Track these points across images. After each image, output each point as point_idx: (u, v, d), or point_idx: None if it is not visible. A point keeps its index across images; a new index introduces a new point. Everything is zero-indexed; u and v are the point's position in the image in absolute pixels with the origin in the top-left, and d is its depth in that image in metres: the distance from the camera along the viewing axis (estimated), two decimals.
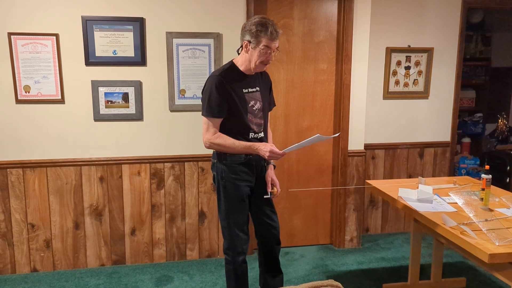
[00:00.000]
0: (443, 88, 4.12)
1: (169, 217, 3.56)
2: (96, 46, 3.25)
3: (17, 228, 3.34)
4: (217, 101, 2.42)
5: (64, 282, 3.27)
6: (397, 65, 3.99)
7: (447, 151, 4.22)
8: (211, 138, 2.46)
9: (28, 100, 3.23)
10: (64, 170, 3.35)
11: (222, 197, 2.56)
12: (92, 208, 3.43)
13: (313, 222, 3.91)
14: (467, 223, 2.26)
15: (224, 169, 2.51)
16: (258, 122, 2.56)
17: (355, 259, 3.66)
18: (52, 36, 3.18)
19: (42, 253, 3.41)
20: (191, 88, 3.42)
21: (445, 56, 4.06)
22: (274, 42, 2.41)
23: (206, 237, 3.64)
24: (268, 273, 2.76)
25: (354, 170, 3.79)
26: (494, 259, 1.98)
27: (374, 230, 4.21)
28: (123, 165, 3.43)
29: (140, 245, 3.55)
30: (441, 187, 2.95)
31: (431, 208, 2.54)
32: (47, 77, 3.23)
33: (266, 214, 2.67)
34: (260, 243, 2.74)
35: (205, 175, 3.54)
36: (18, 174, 3.29)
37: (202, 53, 3.39)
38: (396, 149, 4.11)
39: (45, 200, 3.36)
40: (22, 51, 3.16)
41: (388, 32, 3.91)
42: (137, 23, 3.27)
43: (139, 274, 3.40)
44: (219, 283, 3.26)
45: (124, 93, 3.34)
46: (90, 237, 3.46)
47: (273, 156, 2.42)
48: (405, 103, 4.07)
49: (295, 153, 3.72)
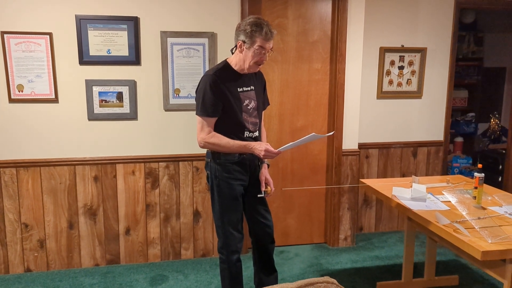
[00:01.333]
0: (436, 88, 4.15)
1: (163, 217, 3.55)
2: (90, 45, 3.24)
3: (10, 228, 3.32)
4: (211, 101, 2.42)
5: (58, 282, 3.26)
6: (390, 65, 4.01)
7: (440, 150, 4.26)
8: (206, 137, 2.46)
9: (22, 100, 3.21)
10: (58, 170, 3.34)
11: (216, 196, 2.56)
12: (87, 207, 3.42)
13: (308, 221, 3.92)
14: (460, 221, 2.28)
15: (218, 168, 2.52)
16: (253, 121, 2.57)
17: (349, 258, 3.68)
18: (46, 35, 3.17)
19: (35, 253, 3.40)
20: (185, 87, 3.42)
21: (438, 56, 4.09)
22: (269, 42, 2.41)
23: (200, 236, 3.64)
24: (263, 272, 2.77)
25: (348, 169, 3.81)
26: (486, 256, 2.00)
27: (368, 229, 4.23)
28: (118, 165, 3.42)
29: (134, 244, 3.54)
30: (435, 185, 2.97)
31: (425, 206, 2.56)
32: (41, 76, 3.21)
33: (260, 213, 2.67)
34: (254, 242, 2.74)
35: (199, 175, 3.55)
36: (12, 173, 3.27)
37: (196, 53, 3.39)
38: (390, 148, 4.14)
39: (39, 200, 3.34)
40: (15, 50, 3.15)
41: (381, 32, 3.93)
42: (131, 22, 3.26)
43: (133, 273, 3.40)
44: (214, 282, 3.26)
45: (119, 92, 3.33)
46: (85, 237, 3.45)
47: (268, 155, 2.43)
48: (398, 102, 4.10)
49: (290, 152, 3.73)
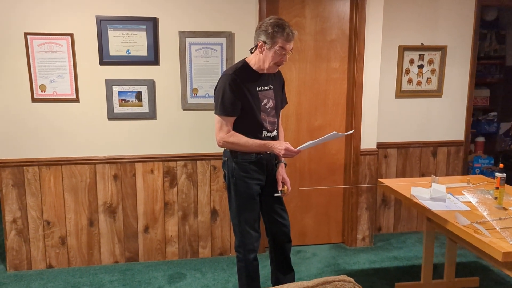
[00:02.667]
0: (457, 87, 4.09)
1: (181, 215, 3.59)
2: (110, 46, 3.29)
3: (33, 225, 3.40)
4: (230, 100, 2.42)
5: (79, 278, 3.32)
6: (410, 64, 3.97)
7: (460, 150, 4.19)
8: (225, 136, 2.47)
9: (44, 99, 3.28)
10: (79, 168, 3.40)
11: (233, 195, 2.57)
12: (106, 205, 3.47)
13: (325, 221, 3.91)
14: (481, 221, 2.24)
15: (235, 167, 2.52)
16: (271, 120, 2.57)
17: (367, 258, 3.66)
18: (67, 36, 3.23)
19: (57, 250, 3.47)
20: (203, 87, 3.45)
21: (458, 54, 4.03)
22: (290, 43, 2.41)
23: (218, 235, 3.67)
24: (280, 271, 2.77)
25: (366, 169, 3.78)
26: (508, 257, 1.96)
27: (387, 229, 4.19)
28: (137, 163, 3.46)
29: (153, 242, 3.58)
30: (455, 186, 2.93)
31: (444, 206, 2.53)
32: (62, 76, 3.28)
33: (277, 212, 2.67)
34: (271, 241, 2.75)
35: (217, 173, 3.57)
36: (34, 171, 3.35)
37: (214, 52, 3.41)
38: (409, 148, 4.09)
39: (60, 198, 3.41)
40: (38, 51, 3.22)
41: (400, 30, 3.89)
42: (150, 22, 3.30)
43: (152, 271, 3.44)
44: (231, 280, 3.28)
45: (138, 92, 3.38)
46: (104, 234, 3.51)
47: (288, 154, 2.42)
48: (418, 101, 4.05)
49: (307, 152, 3.72)
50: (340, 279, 1.16)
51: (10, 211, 3.35)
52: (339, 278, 1.16)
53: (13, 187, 3.33)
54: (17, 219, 3.37)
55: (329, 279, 1.14)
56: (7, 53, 3.18)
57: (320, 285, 1.13)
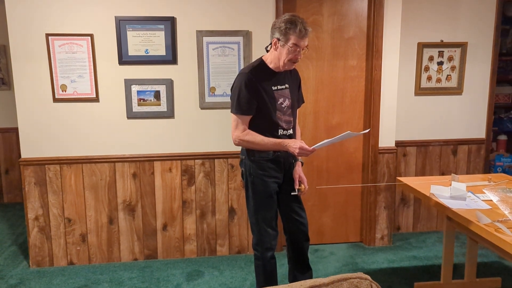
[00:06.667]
0: (478, 84, 4.02)
1: (199, 213, 3.61)
2: (129, 46, 3.33)
3: (54, 222, 3.47)
4: (246, 99, 2.44)
5: (99, 275, 3.38)
6: (429, 61, 3.91)
7: (481, 148, 4.11)
8: (240, 135, 2.48)
9: (65, 99, 3.34)
10: (99, 167, 3.45)
11: (250, 193, 2.58)
12: (126, 203, 3.52)
13: (343, 220, 3.89)
14: (502, 220, 2.20)
15: (252, 165, 2.53)
16: (287, 119, 2.57)
17: (386, 257, 3.62)
18: (87, 36, 3.28)
19: (78, 247, 3.53)
20: (221, 85, 3.46)
21: (479, 51, 3.95)
22: (303, 40, 2.40)
23: (236, 233, 3.68)
24: (297, 269, 2.77)
25: (384, 167, 3.74)
26: None
27: (406, 229, 4.14)
28: (155, 162, 3.50)
29: (171, 240, 3.62)
30: (475, 184, 2.88)
31: (465, 205, 2.49)
32: (83, 76, 3.33)
33: (294, 210, 2.67)
34: (289, 239, 2.75)
35: (234, 172, 3.58)
36: (56, 170, 3.41)
37: (231, 51, 3.42)
38: (429, 146, 4.03)
39: (81, 196, 3.47)
40: (59, 52, 3.28)
41: (419, 27, 3.84)
42: (168, 22, 3.33)
43: (170, 268, 3.47)
44: (249, 278, 3.29)
45: (156, 91, 3.41)
46: (124, 232, 3.56)
47: (302, 153, 2.42)
48: (437, 99, 3.99)
49: (325, 151, 3.70)
50: (357, 276, 1.15)
51: (32, 208, 3.42)
52: (356, 275, 1.16)
53: (35, 185, 3.40)
54: (39, 217, 3.44)
55: (345, 276, 1.13)
56: (29, 53, 3.26)
57: (336, 282, 1.12)
